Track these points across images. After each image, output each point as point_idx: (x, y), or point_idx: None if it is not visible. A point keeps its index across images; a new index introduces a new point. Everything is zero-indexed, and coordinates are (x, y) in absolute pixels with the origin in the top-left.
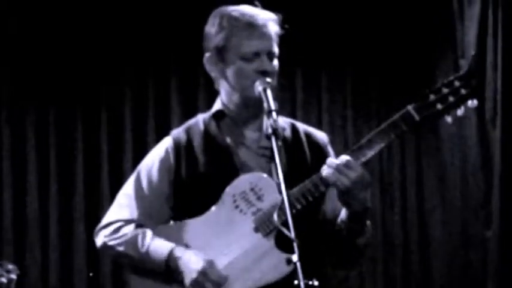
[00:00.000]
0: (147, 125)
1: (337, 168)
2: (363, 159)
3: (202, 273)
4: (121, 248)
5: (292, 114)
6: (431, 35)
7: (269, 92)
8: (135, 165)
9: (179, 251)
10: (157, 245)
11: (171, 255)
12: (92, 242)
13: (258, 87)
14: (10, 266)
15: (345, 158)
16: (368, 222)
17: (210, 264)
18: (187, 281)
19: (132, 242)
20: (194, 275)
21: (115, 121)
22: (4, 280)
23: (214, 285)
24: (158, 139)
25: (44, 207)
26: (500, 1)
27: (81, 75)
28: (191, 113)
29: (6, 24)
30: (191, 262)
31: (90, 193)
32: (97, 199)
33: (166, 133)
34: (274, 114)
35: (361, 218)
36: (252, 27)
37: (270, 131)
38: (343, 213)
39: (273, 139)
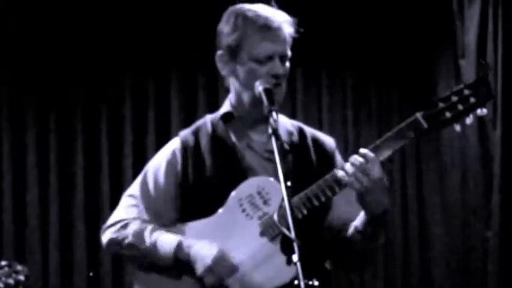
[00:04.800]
0: (147, 125)
1: (357, 166)
2: None
3: (217, 259)
4: (128, 240)
5: (292, 114)
6: (431, 35)
7: (269, 92)
8: (134, 165)
9: (189, 241)
10: (166, 237)
11: (180, 246)
12: (92, 242)
13: (258, 87)
14: (19, 267)
15: (363, 152)
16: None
17: (223, 252)
18: (200, 267)
19: (140, 233)
20: (208, 261)
21: (115, 121)
22: (11, 281)
23: (228, 273)
24: (158, 139)
25: (44, 207)
26: (500, 1)
27: (81, 75)
28: (191, 113)
29: (6, 24)
30: (204, 249)
31: (90, 193)
32: (97, 199)
33: (166, 133)
34: (274, 114)
35: (380, 221)
36: (266, 29)
37: (270, 131)
38: (361, 218)
39: (273, 139)
